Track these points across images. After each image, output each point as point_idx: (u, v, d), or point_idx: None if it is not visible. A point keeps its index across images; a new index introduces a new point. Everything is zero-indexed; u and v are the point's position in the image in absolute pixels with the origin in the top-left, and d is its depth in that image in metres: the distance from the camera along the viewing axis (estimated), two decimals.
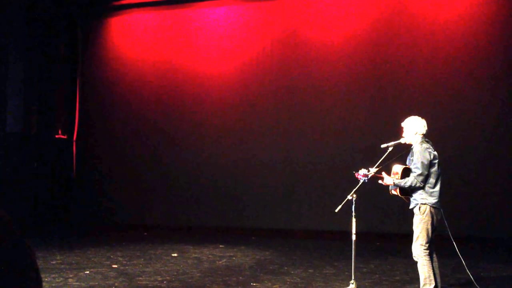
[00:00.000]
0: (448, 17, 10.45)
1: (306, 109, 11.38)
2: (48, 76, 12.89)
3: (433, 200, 5.27)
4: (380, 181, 5.47)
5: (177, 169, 12.28)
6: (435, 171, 5.31)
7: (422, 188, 5.28)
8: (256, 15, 11.94)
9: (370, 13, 11.01)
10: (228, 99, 11.96)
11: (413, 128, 5.44)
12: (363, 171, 5.40)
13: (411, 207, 5.42)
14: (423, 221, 5.26)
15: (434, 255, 5.42)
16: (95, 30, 13.25)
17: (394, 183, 5.37)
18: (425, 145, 5.35)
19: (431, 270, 5.26)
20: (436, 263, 5.42)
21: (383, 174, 5.44)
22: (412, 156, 5.39)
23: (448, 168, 7.79)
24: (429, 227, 5.25)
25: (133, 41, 12.85)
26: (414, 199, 5.36)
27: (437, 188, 5.32)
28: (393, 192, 5.51)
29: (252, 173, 11.66)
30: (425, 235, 5.24)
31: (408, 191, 5.41)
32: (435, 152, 5.35)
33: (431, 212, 5.25)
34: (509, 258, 8.46)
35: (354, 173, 5.46)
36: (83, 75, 13.29)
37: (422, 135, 5.42)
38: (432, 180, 5.29)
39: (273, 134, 11.58)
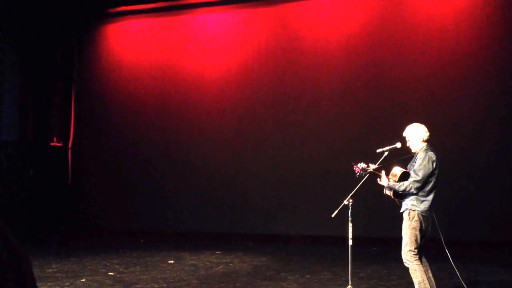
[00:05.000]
0: (445, 19, 10.48)
1: (302, 114, 11.39)
2: (43, 83, 12.88)
3: (423, 208, 5.25)
4: (378, 180, 5.46)
5: (173, 176, 12.28)
6: (433, 181, 5.30)
7: (416, 194, 5.27)
8: (251, 20, 11.96)
9: (366, 17, 11.04)
10: (223, 104, 11.98)
11: (417, 136, 5.40)
12: (362, 165, 5.41)
13: (401, 211, 5.42)
14: (412, 226, 5.25)
15: (424, 260, 5.41)
16: (91, 38, 13.26)
17: (389, 185, 5.36)
18: (431, 153, 5.29)
19: (424, 274, 5.25)
20: (427, 267, 5.41)
21: (382, 173, 5.42)
22: (415, 162, 5.36)
23: (445, 173, 7.79)
24: (418, 233, 5.25)
25: (129, 48, 12.86)
26: (405, 204, 5.35)
27: (430, 197, 5.29)
28: (387, 192, 5.50)
29: (248, 179, 11.65)
30: (414, 240, 5.23)
31: (401, 195, 5.41)
32: (438, 162, 5.33)
33: (419, 218, 5.24)
34: (508, 261, 8.46)
35: (353, 165, 5.45)
36: (78, 82, 13.28)
37: (426, 141, 5.40)
38: (427, 189, 5.27)
39: (270, 139, 11.59)
